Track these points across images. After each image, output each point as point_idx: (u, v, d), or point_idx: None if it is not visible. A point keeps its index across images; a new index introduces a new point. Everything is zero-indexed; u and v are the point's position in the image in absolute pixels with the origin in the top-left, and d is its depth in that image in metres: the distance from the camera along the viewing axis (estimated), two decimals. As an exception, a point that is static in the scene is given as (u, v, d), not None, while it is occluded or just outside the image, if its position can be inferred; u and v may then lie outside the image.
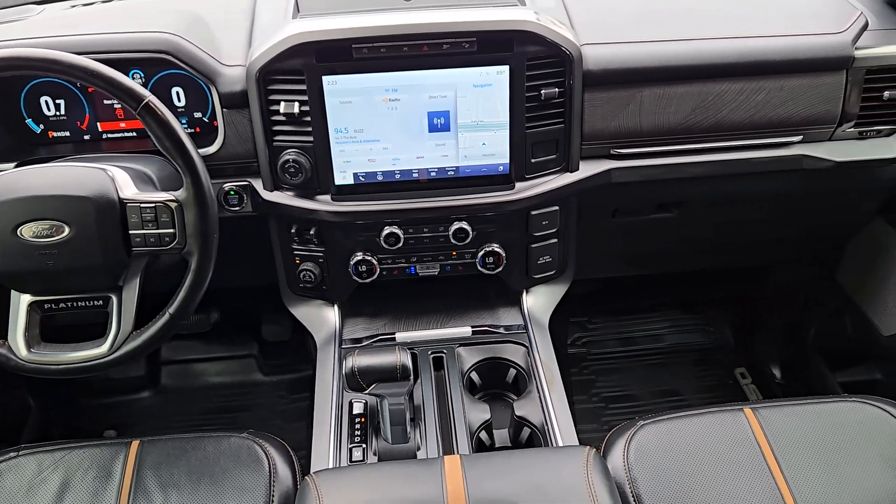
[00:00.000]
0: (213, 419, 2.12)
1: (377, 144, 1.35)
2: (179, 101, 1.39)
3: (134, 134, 1.43)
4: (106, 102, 1.40)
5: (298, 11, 1.36)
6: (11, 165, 1.31)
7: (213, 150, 1.36)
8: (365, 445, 1.27)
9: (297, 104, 1.30)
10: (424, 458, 1.24)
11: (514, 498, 1.01)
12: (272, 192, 1.39)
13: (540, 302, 1.58)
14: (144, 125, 1.14)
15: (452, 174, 1.39)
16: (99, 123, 1.42)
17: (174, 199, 1.16)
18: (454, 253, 1.48)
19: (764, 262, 2.09)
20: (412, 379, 1.22)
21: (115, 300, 1.21)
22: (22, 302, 1.21)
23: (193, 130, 1.41)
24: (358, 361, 1.20)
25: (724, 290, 2.26)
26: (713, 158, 1.45)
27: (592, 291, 2.21)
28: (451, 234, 1.43)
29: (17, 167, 1.26)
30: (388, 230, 1.42)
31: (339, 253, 1.47)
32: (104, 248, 1.16)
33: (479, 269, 1.49)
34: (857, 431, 1.24)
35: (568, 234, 1.55)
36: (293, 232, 1.45)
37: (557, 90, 1.33)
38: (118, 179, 1.17)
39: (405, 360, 1.20)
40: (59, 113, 1.40)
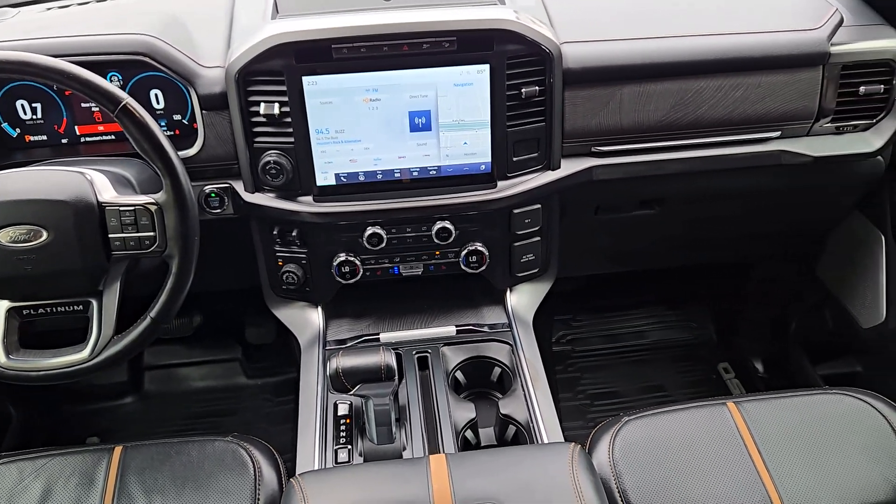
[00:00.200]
0: (197, 424, 2.10)
1: (358, 145, 1.35)
2: (158, 103, 1.38)
3: (112, 137, 1.41)
4: (83, 105, 1.39)
5: (277, 12, 1.36)
6: (-13, 170, 1.30)
7: (192, 152, 1.35)
8: (350, 446, 1.27)
9: (277, 105, 1.30)
10: (410, 457, 1.24)
11: (499, 496, 1.01)
12: (253, 193, 1.39)
13: (524, 300, 1.59)
14: (122, 128, 1.13)
15: (434, 174, 1.39)
16: (77, 127, 1.40)
17: (154, 201, 1.15)
18: (437, 252, 1.48)
19: (745, 257, 2.11)
20: (397, 379, 1.21)
21: (95, 305, 1.20)
22: (0, 308, 1.19)
23: (173, 133, 1.40)
24: (342, 362, 1.20)
25: (706, 286, 2.28)
26: (693, 155, 1.47)
27: (576, 289, 2.22)
28: (433, 233, 1.43)
29: (-7, 172, 1.24)
30: (370, 230, 1.42)
31: (321, 254, 1.46)
32: (83, 252, 1.14)
33: (462, 268, 1.49)
34: (838, 423, 1.25)
35: (550, 232, 1.55)
36: (275, 234, 1.45)
37: (538, 88, 1.34)
38: (97, 183, 1.16)
39: (389, 360, 1.20)
40: (35, 117, 1.39)
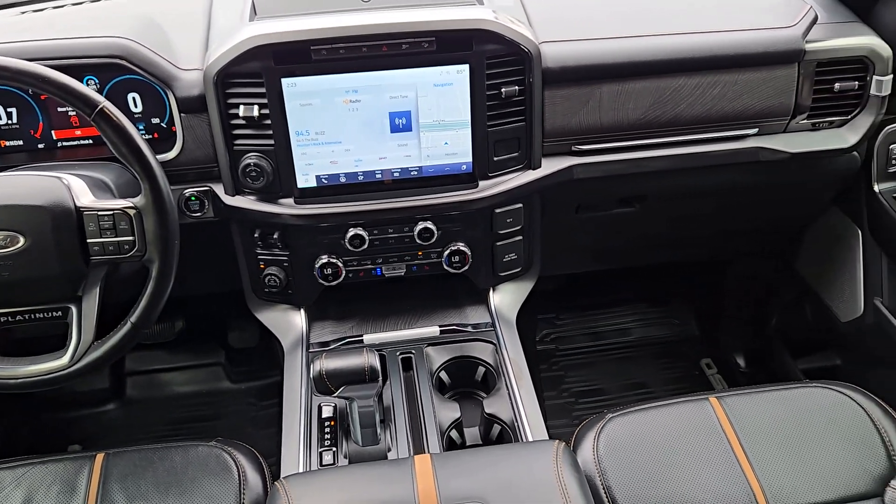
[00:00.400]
0: (181, 429, 2.08)
1: (339, 146, 1.35)
2: (136, 106, 1.37)
3: (90, 141, 1.40)
4: (60, 110, 1.37)
5: (255, 14, 1.35)
6: (-38, 176, 1.28)
7: (171, 155, 1.34)
8: (335, 449, 1.26)
9: (256, 107, 1.29)
10: (395, 458, 1.24)
11: (485, 495, 1.02)
12: (234, 196, 1.38)
13: (507, 299, 1.59)
14: (100, 132, 1.12)
15: (416, 174, 1.39)
16: (53, 131, 1.38)
17: (132, 205, 1.14)
18: (420, 253, 1.48)
19: (725, 254, 2.13)
20: (381, 380, 1.21)
21: (74, 311, 1.18)
22: (-23, 315, 1.18)
23: (151, 136, 1.39)
24: (325, 365, 1.19)
25: (688, 282, 2.30)
26: (672, 153, 1.48)
27: (559, 288, 2.23)
28: (416, 234, 1.43)
29: (-32, 178, 1.22)
30: (352, 232, 1.42)
31: (303, 256, 1.46)
32: (61, 257, 1.13)
33: (445, 268, 1.49)
34: (818, 416, 1.27)
35: (532, 231, 1.56)
36: (256, 236, 1.44)
37: (517, 88, 1.34)
38: (74, 187, 1.15)
39: (373, 361, 1.20)
40: (10, 121, 1.37)
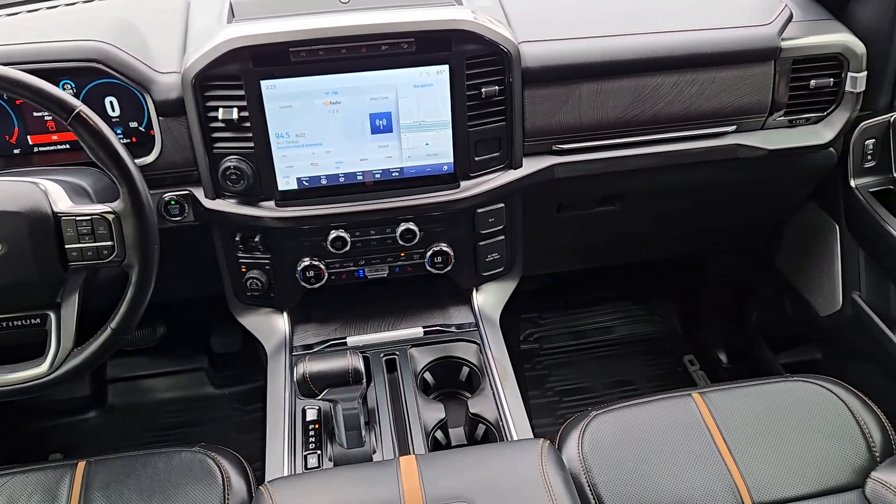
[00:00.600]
0: (164, 436, 2.06)
1: (320, 148, 1.34)
2: (113, 110, 1.36)
3: (67, 146, 1.38)
4: (36, 115, 1.35)
5: (233, 16, 1.34)
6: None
7: (150, 159, 1.33)
8: (320, 452, 1.26)
9: (235, 110, 1.28)
10: (380, 460, 1.23)
11: (470, 494, 1.02)
12: (214, 200, 1.37)
13: (490, 299, 1.59)
14: (77, 136, 1.11)
15: (397, 175, 1.39)
16: (29, 136, 1.37)
17: (111, 210, 1.13)
18: (402, 254, 1.48)
19: (706, 251, 2.14)
20: (365, 382, 1.21)
21: (53, 317, 1.17)
22: (-46, 323, 1.16)
23: (129, 140, 1.37)
24: (309, 367, 1.19)
25: (669, 280, 2.32)
26: (652, 151, 1.49)
27: (542, 287, 2.23)
28: (398, 235, 1.43)
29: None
30: (334, 234, 1.41)
31: (285, 259, 1.45)
32: (39, 264, 1.12)
33: (428, 269, 1.49)
34: (799, 409, 1.28)
35: (514, 230, 1.56)
36: (237, 240, 1.43)
37: (497, 88, 1.35)
38: (51, 193, 1.14)
39: (357, 363, 1.19)
40: (-15, 127, 1.35)
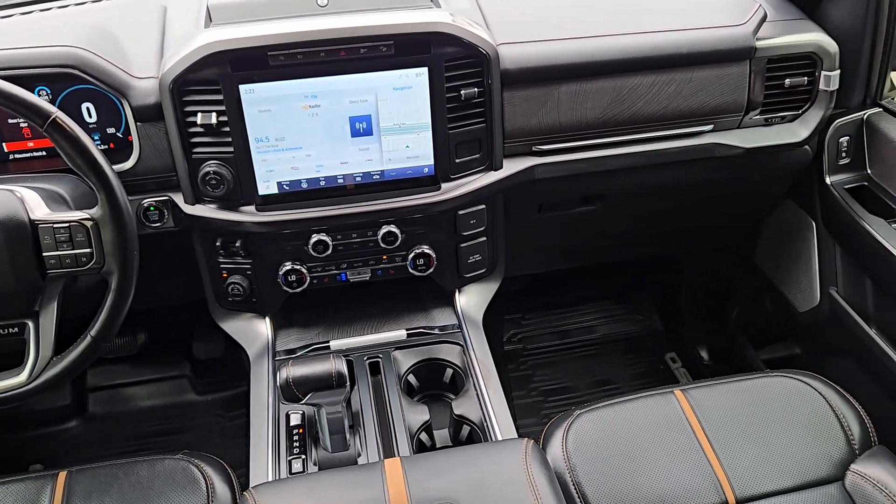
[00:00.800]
0: (147, 445, 2.05)
1: (300, 152, 1.34)
2: (90, 116, 1.34)
3: (43, 153, 1.37)
4: (11, 121, 1.34)
5: (211, 20, 1.33)
6: None
7: (128, 165, 1.32)
8: (305, 456, 1.25)
9: (214, 115, 1.28)
10: (365, 463, 1.23)
11: (456, 495, 1.02)
12: (194, 205, 1.36)
13: (473, 301, 1.60)
14: (53, 143, 1.10)
15: (378, 178, 1.39)
16: (4, 144, 1.35)
17: (89, 217, 1.12)
18: (384, 257, 1.48)
19: (686, 249, 2.16)
20: (348, 386, 1.21)
21: (31, 326, 1.16)
22: (-69, 334, 1.15)
23: (107, 146, 1.36)
24: (292, 371, 1.18)
25: (651, 279, 2.33)
26: (631, 150, 1.50)
27: (524, 288, 2.24)
28: (380, 238, 1.43)
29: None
30: (315, 238, 1.41)
31: (267, 264, 1.45)
32: (16, 272, 1.11)
33: (410, 271, 1.49)
34: (779, 404, 1.29)
35: (496, 231, 1.57)
36: (218, 245, 1.42)
37: (477, 90, 1.35)
38: (28, 200, 1.13)
39: (340, 367, 1.19)
40: (-41, 135, 1.34)
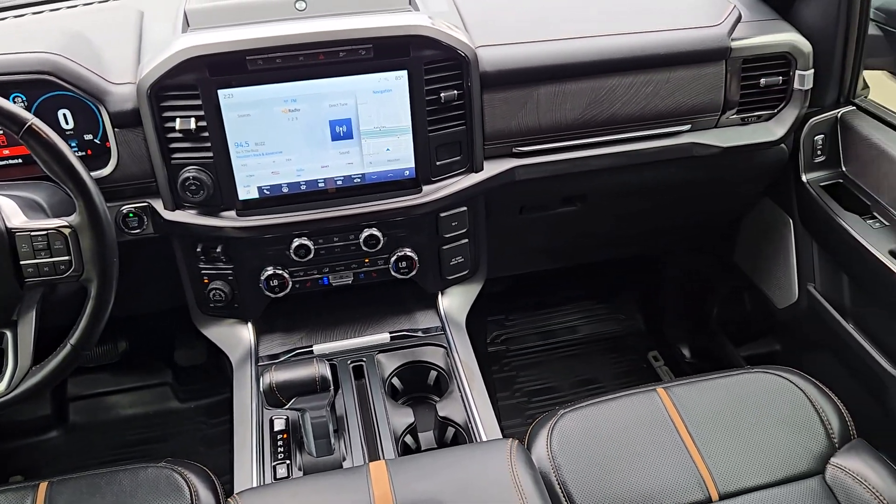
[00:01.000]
0: (129, 453, 2.02)
1: (280, 156, 1.34)
2: (67, 123, 1.33)
3: (20, 160, 1.35)
4: (-14, 129, 1.33)
5: (188, 25, 1.33)
6: None
7: (107, 171, 1.32)
8: (289, 461, 1.25)
9: (193, 120, 1.27)
10: (350, 467, 1.23)
11: (441, 496, 1.02)
12: (174, 211, 1.35)
13: (455, 302, 1.60)
14: (30, 150, 1.09)
15: (359, 181, 1.39)
16: (-21, 152, 1.34)
17: (67, 224, 1.11)
18: (367, 260, 1.48)
19: (666, 249, 2.18)
20: (332, 390, 1.21)
21: (9, 336, 1.14)
22: None
23: (85, 153, 1.35)
24: (275, 377, 1.18)
25: (632, 278, 2.35)
26: (610, 151, 1.51)
27: (507, 289, 2.25)
28: (361, 241, 1.43)
29: None
30: (297, 242, 1.40)
31: (248, 269, 1.44)
32: None
33: (392, 274, 1.49)
34: (759, 400, 1.31)
35: (478, 233, 1.57)
36: (199, 251, 1.41)
37: (456, 93, 1.36)
38: (4, 208, 1.12)
39: (323, 371, 1.19)
40: (-67, 143, 1.32)
